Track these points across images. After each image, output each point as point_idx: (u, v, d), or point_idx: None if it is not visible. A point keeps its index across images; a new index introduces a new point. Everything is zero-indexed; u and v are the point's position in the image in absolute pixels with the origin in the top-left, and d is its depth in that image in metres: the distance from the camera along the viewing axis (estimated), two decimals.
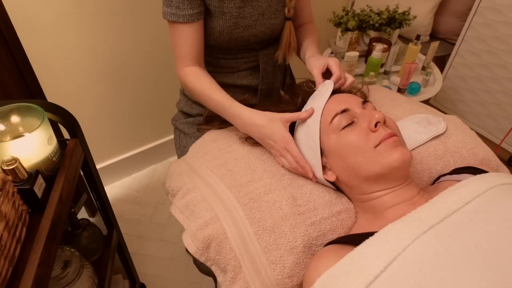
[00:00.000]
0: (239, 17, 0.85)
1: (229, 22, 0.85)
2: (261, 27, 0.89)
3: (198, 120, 1.03)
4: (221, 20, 0.84)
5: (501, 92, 1.91)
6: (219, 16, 0.84)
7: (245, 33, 0.88)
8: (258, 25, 0.89)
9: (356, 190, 0.69)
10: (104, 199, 1.01)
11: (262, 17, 0.88)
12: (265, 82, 1.00)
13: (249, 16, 0.86)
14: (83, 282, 0.90)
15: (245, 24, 0.87)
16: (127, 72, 1.62)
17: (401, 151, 0.63)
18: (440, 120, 0.83)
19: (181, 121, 1.06)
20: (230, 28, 0.86)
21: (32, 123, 0.71)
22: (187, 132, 1.04)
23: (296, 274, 0.65)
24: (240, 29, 0.87)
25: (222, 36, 0.87)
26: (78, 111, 1.05)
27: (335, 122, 0.69)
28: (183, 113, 1.08)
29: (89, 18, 1.39)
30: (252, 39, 0.91)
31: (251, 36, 0.90)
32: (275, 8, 0.89)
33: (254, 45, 0.94)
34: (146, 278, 1.47)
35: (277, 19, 0.91)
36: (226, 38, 0.88)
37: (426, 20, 2.06)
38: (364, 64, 1.74)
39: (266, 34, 0.92)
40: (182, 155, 1.02)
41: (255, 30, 0.89)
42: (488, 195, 0.57)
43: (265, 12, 0.88)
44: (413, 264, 0.49)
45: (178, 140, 1.07)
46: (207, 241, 0.68)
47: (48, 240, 0.63)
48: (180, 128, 1.06)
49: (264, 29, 0.90)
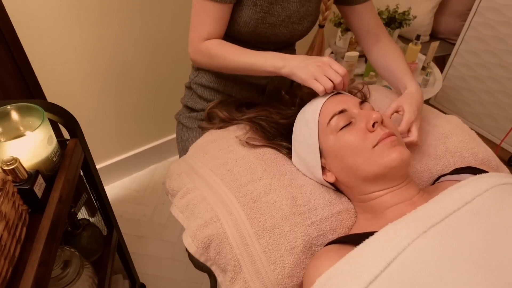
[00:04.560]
0: (268, 12, 0.84)
1: (258, 15, 0.84)
2: (284, 28, 0.89)
3: (201, 115, 1.03)
4: (250, 11, 0.83)
5: (501, 92, 1.91)
6: (250, 6, 0.83)
7: (268, 30, 0.88)
8: (282, 26, 0.88)
9: (356, 190, 0.69)
10: (104, 199, 1.01)
11: (288, 19, 0.88)
12: (274, 83, 1.00)
13: (277, 14, 0.86)
14: (83, 282, 0.90)
15: (271, 22, 0.86)
16: (127, 73, 1.62)
17: (399, 150, 0.63)
18: None
19: (184, 115, 1.06)
20: (257, 21, 0.85)
21: (32, 123, 0.71)
22: (189, 126, 1.04)
23: (296, 274, 0.65)
24: (265, 25, 0.86)
25: (247, 27, 0.86)
26: (78, 111, 1.05)
27: (333, 123, 0.69)
28: (187, 108, 1.08)
29: (89, 17, 1.39)
30: (273, 38, 0.90)
31: (273, 35, 0.89)
32: (302, 15, 0.89)
33: (268, 46, 0.94)
34: (146, 278, 1.47)
35: (300, 26, 0.91)
36: (250, 30, 0.86)
37: (426, 20, 2.06)
38: (364, 64, 1.74)
39: (286, 36, 0.92)
40: (183, 149, 1.02)
41: (277, 30, 0.89)
42: (488, 195, 0.57)
43: (292, 15, 0.88)
44: (413, 263, 0.49)
45: (180, 134, 1.07)
46: (207, 241, 0.68)
47: (48, 240, 0.63)
48: (183, 122, 1.06)
49: (286, 32, 0.90)
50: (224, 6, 0.81)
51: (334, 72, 0.72)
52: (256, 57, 0.80)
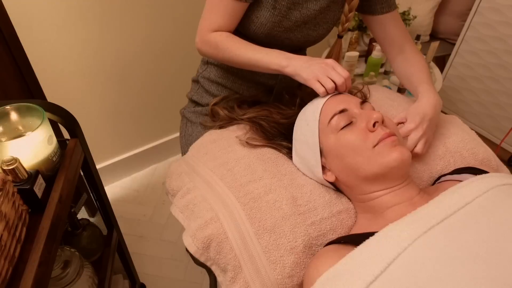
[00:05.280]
0: (285, 17, 0.84)
1: (275, 18, 0.84)
2: (298, 33, 0.89)
3: (206, 110, 1.03)
4: (268, 13, 0.83)
5: (501, 92, 1.91)
6: (268, 8, 0.82)
7: (283, 34, 0.87)
8: (297, 31, 0.88)
9: (356, 190, 0.69)
10: (104, 199, 1.01)
11: (303, 25, 0.87)
12: (282, 85, 0.99)
13: (294, 19, 0.85)
14: (83, 282, 0.90)
15: (287, 26, 0.86)
16: (127, 73, 1.62)
17: (399, 150, 0.63)
18: None
19: (189, 110, 1.06)
20: (273, 24, 0.85)
21: (32, 123, 0.71)
22: (193, 121, 1.04)
23: (296, 274, 0.65)
24: (280, 29, 0.86)
25: (262, 28, 0.85)
26: (78, 111, 1.05)
27: (333, 123, 0.69)
28: (192, 102, 1.08)
29: (89, 17, 1.39)
30: (287, 41, 0.90)
31: (287, 38, 0.89)
32: (318, 21, 0.88)
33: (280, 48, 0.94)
34: (146, 278, 1.47)
35: (315, 32, 0.90)
36: (265, 32, 0.86)
37: (426, 20, 2.06)
38: (364, 64, 1.74)
39: (300, 41, 0.91)
40: (187, 144, 1.02)
41: (292, 35, 0.88)
42: (488, 196, 0.57)
43: (308, 21, 0.87)
44: (413, 264, 0.49)
45: (184, 129, 1.07)
46: (207, 241, 0.68)
47: (48, 240, 0.63)
48: (187, 116, 1.06)
49: (300, 37, 0.90)
50: (240, 4, 0.81)
51: (337, 74, 0.72)
52: (262, 53, 0.80)
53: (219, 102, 0.95)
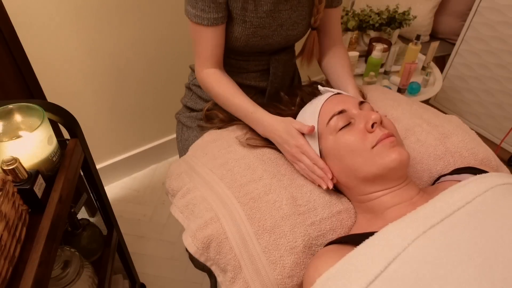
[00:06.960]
0: (258, 26, 0.85)
1: (248, 31, 0.85)
2: (277, 37, 0.89)
3: (200, 115, 1.03)
4: (240, 28, 0.84)
5: (501, 92, 1.91)
6: (239, 23, 0.84)
7: (261, 42, 0.88)
8: (275, 36, 0.88)
9: (355, 191, 0.69)
10: (104, 199, 1.01)
11: (280, 28, 0.88)
12: (274, 85, 1.00)
13: (268, 26, 0.86)
14: (83, 282, 0.90)
15: (263, 34, 0.87)
16: (127, 73, 1.61)
17: (398, 151, 0.63)
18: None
19: (184, 115, 1.07)
20: (248, 36, 0.86)
21: (32, 123, 0.71)
22: (189, 126, 1.04)
23: (296, 274, 0.65)
24: (257, 38, 0.87)
25: (238, 42, 0.87)
26: (78, 111, 1.05)
27: (332, 124, 0.69)
28: (187, 108, 1.08)
29: (90, 17, 1.39)
30: (267, 47, 0.91)
31: (266, 45, 0.90)
32: (295, 20, 0.88)
33: (266, 50, 0.94)
34: (146, 278, 1.47)
35: (294, 31, 0.91)
36: (242, 44, 0.88)
37: (426, 20, 2.06)
38: (364, 64, 1.74)
39: (281, 44, 0.92)
40: (183, 148, 1.02)
41: (271, 40, 0.89)
42: (488, 195, 0.57)
43: (284, 23, 0.87)
44: (413, 263, 0.49)
45: (180, 134, 1.07)
46: (207, 241, 0.68)
47: (48, 240, 0.63)
48: (182, 121, 1.07)
49: (280, 40, 0.90)
50: (216, 28, 0.83)
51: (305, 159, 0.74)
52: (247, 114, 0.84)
53: (212, 108, 0.96)
